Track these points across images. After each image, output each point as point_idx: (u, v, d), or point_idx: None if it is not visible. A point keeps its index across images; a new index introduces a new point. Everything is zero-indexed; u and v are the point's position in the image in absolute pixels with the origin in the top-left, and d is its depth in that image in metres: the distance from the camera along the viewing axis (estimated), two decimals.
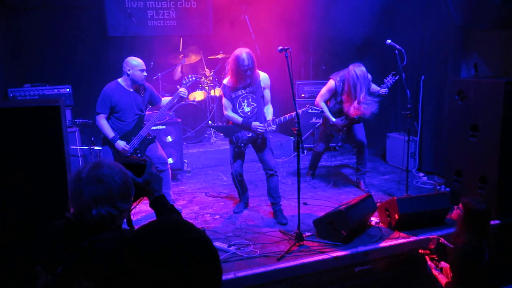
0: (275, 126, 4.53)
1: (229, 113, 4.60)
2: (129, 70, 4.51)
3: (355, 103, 5.09)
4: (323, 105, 5.34)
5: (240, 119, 4.55)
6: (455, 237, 3.40)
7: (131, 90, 4.60)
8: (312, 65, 8.05)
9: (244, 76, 4.44)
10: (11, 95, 5.18)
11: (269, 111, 4.62)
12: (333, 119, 5.37)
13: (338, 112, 5.39)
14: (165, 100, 4.84)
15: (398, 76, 5.06)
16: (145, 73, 4.57)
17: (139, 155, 4.67)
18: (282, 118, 4.51)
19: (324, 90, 5.37)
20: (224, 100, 4.63)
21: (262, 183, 5.80)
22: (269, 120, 4.53)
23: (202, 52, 7.47)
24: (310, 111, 4.59)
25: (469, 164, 4.83)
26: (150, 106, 5.00)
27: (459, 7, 5.42)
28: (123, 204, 1.65)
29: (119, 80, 4.59)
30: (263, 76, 4.61)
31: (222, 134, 7.06)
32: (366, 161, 5.65)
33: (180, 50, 7.47)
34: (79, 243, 1.56)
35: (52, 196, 2.65)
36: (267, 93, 4.64)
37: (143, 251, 1.03)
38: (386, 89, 5.19)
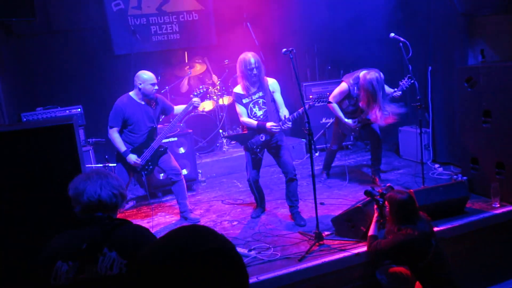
0: (290, 123, 4.45)
1: (244, 118, 4.62)
2: (140, 84, 4.59)
3: (378, 110, 5.07)
4: (334, 105, 5.33)
5: (255, 123, 4.56)
6: (389, 232, 3.51)
7: (143, 103, 4.68)
8: (318, 66, 8.06)
9: (251, 76, 4.48)
10: (25, 119, 5.28)
11: (285, 114, 4.55)
12: (346, 120, 5.38)
13: (351, 113, 5.39)
14: (179, 108, 4.91)
15: (413, 80, 5.04)
16: (156, 87, 4.65)
17: (150, 167, 4.72)
18: (295, 114, 4.40)
19: (336, 91, 5.37)
20: (237, 107, 4.65)
21: (277, 187, 5.81)
22: (283, 119, 4.50)
23: (208, 62, 7.53)
24: (316, 104, 4.53)
25: (484, 150, 4.79)
26: (163, 117, 5.08)
27: None
28: (119, 198, 2.02)
29: (131, 93, 4.68)
30: (271, 81, 4.65)
31: (234, 142, 7.12)
32: (381, 156, 5.63)
33: (186, 62, 7.54)
34: (100, 224, 1.87)
35: (69, 214, 2.71)
36: (278, 97, 4.64)
37: (164, 266, 1.00)
38: (400, 91, 5.22)
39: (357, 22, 6.45)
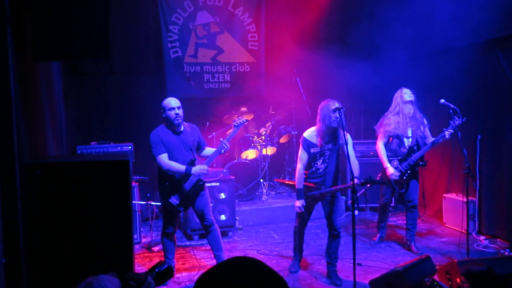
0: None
1: (300, 168, 4.55)
2: (163, 113, 4.50)
3: None
4: (379, 145, 5.38)
5: (300, 186, 4.53)
6: None
7: (176, 131, 4.52)
8: (363, 124, 8.10)
9: (333, 121, 4.35)
10: (79, 152, 5.55)
11: (355, 168, 4.32)
12: (388, 165, 5.22)
13: (404, 156, 5.27)
14: (209, 150, 4.72)
15: (464, 118, 4.91)
16: (177, 111, 4.42)
17: (188, 202, 4.50)
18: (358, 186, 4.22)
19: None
20: (300, 152, 4.58)
21: (313, 242, 5.74)
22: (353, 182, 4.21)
23: (254, 112, 7.73)
24: (368, 186, 4.47)
25: None
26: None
27: None
28: None
29: (163, 124, 4.59)
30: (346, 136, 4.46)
31: (274, 193, 7.15)
32: (416, 222, 5.47)
33: (233, 110, 7.78)
34: None
35: (118, 240, 2.83)
36: (350, 150, 4.44)
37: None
38: (452, 130, 4.94)
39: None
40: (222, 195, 6.01)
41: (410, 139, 5.27)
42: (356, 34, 6.93)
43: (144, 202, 5.75)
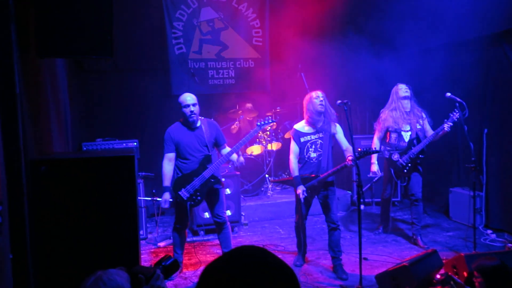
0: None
1: (292, 158, 4.64)
2: (179, 108, 4.49)
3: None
4: (374, 140, 5.52)
5: (296, 174, 4.58)
6: None
7: (192, 127, 4.51)
8: (368, 119, 8.07)
9: (318, 105, 4.49)
10: (85, 148, 5.57)
11: (349, 150, 4.51)
12: (374, 163, 5.42)
13: (404, 149, 5.30)
14: (226, 150, 4.64)
15: (466, 111, 4.92)
16: (191, 108, 4.41)
17: (198, 198, 4.49)
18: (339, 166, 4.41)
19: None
20: (292, 143, 4.69)
21: (320, 237, 5.73)
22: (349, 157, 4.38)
23: (259, 108, 7.72)
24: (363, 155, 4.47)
25: None
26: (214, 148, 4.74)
27: None
28: None
29: (180, 120, 4.61)
30: (334, 125, 4.64)
31: (279, 188, 7.13)
32: (421, 215, 5.45)
33: (238, 106, 7.77)
34: None
35: (124, 236, 2.84)
36: (341, 137, 4.61)
37: (233, 275, 1.09)
38: (451, 123, 4.98)
39: (410, 81, 6.46)
40: (228, 191, 6.02)
41: (409, 133, 5.31)
42: (363, 28, 6.90)
43: (149, 198, 5.77)
